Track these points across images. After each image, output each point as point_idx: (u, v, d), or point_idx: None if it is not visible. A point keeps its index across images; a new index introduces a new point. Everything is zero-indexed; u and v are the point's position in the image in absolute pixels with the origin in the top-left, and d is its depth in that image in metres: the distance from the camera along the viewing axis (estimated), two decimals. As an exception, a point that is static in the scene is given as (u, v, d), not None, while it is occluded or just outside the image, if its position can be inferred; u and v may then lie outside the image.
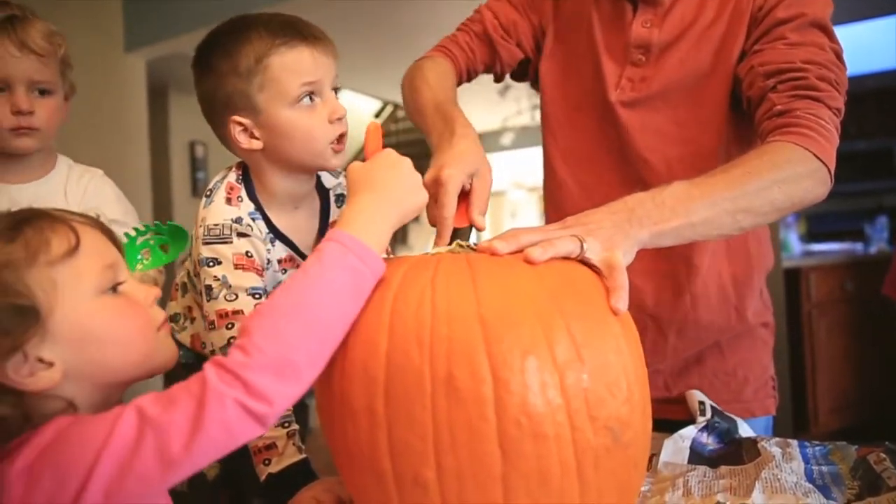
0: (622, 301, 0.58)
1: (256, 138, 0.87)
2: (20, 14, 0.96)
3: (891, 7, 3.63)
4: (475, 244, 0.66)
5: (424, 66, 1.03)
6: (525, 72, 1.11)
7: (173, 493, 1.23)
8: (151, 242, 1.04)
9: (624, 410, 0.54)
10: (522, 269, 0.57)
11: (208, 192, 0.90)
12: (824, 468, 0.72)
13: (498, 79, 1.12)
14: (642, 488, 0.70)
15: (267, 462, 0.78)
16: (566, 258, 0.61)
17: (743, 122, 0.92)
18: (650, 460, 0.76)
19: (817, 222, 4.60)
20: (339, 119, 0.86)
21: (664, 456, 0.77)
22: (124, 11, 3.36)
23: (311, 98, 0.84)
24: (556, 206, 1.05)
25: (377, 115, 6.75)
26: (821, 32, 0.85)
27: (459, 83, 1.07)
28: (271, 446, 0.78)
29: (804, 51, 0.82)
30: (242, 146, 0.88)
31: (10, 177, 1.01)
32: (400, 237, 6.00)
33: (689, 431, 0.80)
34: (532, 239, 0.61)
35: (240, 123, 0.86)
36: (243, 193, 0.90)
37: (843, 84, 0.83)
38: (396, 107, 6.44)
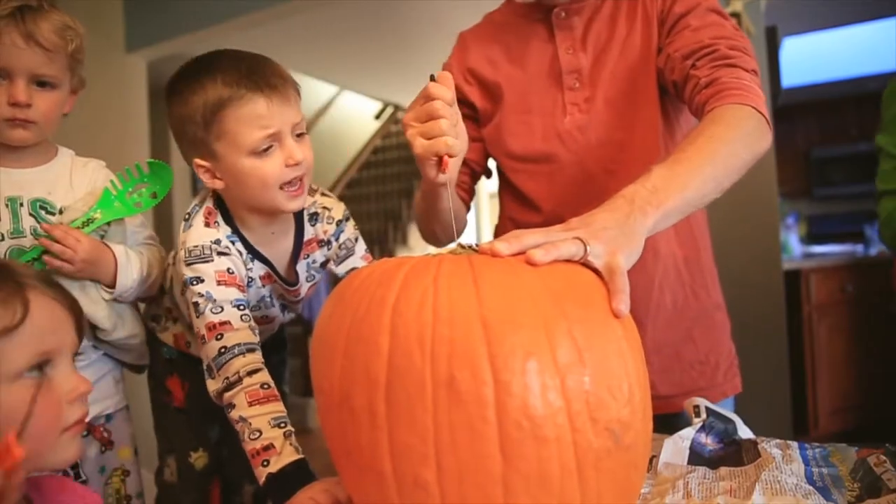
0: (624, 304, 0.58)
1: (219, 178, 0.89)
2: (35, 4, 0.93)
3: (892, 9, 3.64)
4: (477, 245, 0.66)
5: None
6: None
7: (163, 483, 1.22)
8: (143, 191, 1.05)
9: (625, 412, 0.54)
10: (525, 272, 0.57)
11: (187, 217, 0.93)
12: (824, 470, 0.72)
13: (489, 176, 1.19)
14: (643, 490, 0.70)
15: (265, 463, 0.78)
16: (568, 260, 0.61)
17: (670, 109, 1.01)
18: (650, 462, 0.76)
19: (818, 224, 4.60)
20: (296, 164, 0.86)
21: (664, 456, 0.77)
22: (125, 12, 3.36)
23: (268, 147, 0.85)
24: None
25: (377, 117, 6.73)
26: (716, 14, 0.94)
27: (469, 196, 1.15)
28: (269, 447, 0.78)
29: (708, 30, 0.91)
30: (207, 184, 0.91)
31: (11, 163, 1.00)
32: (400, 238, 5.98)
33: (688, 432, 0.80)
34: (535, 241, 0.61)
35: (201, 166, 0.89)
36: (219, 218, 0.92)
37: (750, 50, 0.91)
38: (397, 108, 6.43)
